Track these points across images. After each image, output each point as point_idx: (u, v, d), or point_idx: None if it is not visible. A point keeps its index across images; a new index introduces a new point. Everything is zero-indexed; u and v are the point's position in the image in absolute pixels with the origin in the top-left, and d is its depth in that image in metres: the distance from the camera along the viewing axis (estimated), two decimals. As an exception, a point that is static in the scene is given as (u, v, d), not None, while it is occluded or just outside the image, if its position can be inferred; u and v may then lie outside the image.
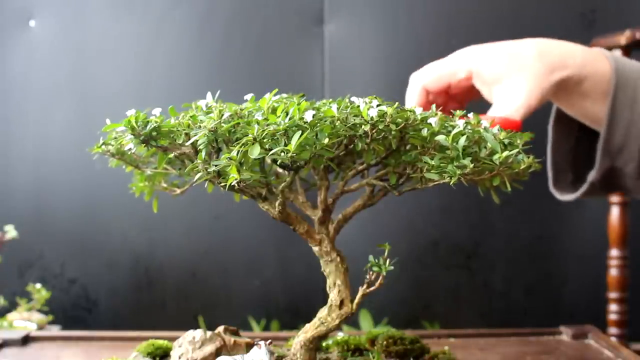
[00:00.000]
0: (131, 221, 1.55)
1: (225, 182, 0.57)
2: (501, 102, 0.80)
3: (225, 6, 1.54)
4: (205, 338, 0.70)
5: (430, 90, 0.86)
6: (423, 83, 0.86)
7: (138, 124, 0.62)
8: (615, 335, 1.39)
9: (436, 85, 0.85)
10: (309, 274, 1.55)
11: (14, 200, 1.55)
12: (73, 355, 0.86)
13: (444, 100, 0.88)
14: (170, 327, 1.04)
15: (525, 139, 0.70)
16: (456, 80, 0.84)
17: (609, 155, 0.85)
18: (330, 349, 0.78)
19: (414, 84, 0.87)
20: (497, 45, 0.83)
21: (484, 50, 0.84)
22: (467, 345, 0.90)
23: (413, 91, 0.87)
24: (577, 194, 0.90)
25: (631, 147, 0.84)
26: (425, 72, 0.86)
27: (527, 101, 0.79)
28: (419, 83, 0.86)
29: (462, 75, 0.83)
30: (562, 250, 1.58)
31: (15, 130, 1.55)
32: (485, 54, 0.83)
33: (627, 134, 0.84)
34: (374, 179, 0.68)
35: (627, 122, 0.83)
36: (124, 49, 1.55)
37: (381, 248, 0.67)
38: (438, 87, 0.85)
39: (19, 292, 1.48)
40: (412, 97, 0.87)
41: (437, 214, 1.56)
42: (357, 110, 0.59)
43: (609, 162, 0.85)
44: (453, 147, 0.59)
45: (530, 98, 0.79)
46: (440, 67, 0.85)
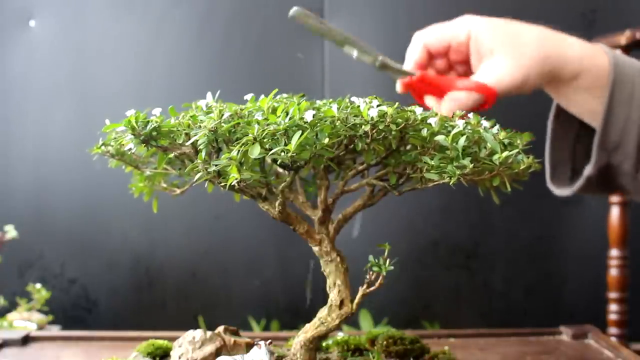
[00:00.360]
0: (131, 221, 1.55)
1: (225, 182, 0.57)
2: (484, 70, 0.81)
3: (225, 6, 1.54)
4: (205, 338, 0.70)
5: (431, 49, 0.86)
6: (424, 40, 0.86)
7: (138, 124, 0.62)
8: (615, 335, 1.39)
9: (437, 43, 0.85)
10: (309, 274, 1.55)
11: (14, 200, 1.55)
12: (73, 355, 0.86)
13: (445, 67, 0.88)
14: (170, 327, 1.04)
15: (525, 139, 0.70)
16: (456, 42, 0.85)
17: (605, 151, 0.85)
18: (330, 349, 0.78)
19: (416, 41, 0.88)
20: (501, 21, 0.84)
21: (487, 21, 0.85)
22: (467, 345, 0.90)
23: (414, 47, 0.87)
24: (574, 188, 0.90)
25: (628, 144, 0.84)
26: (428, 31, 0.87)
27: (510, 78, 0.79)
28: (421, 40, 0.87)
29: (462, 37, 0.84)
30: (562, 250, 1.58)
31: (15, 130, 1.55)
32: (487, 25, 0.84)
33: (624, 131, 0.84)
34: (374, 179, 0.68)
35: (624, 118, 0.83)
36: (124, 49, 1.55)
37: (381, 248, 0.67)
38: (439, 46, 0.86)
39: (19, 292, 1.48)
40: (413, 52, 0.87)
41: (437, 214, 1.56)
42: (357, 110, 0.59)
43: (606, 159, 0.85)
44: (453, 147, 0.59)
45: (514, 76, 0.79)
46: (443, 27, 0.86)
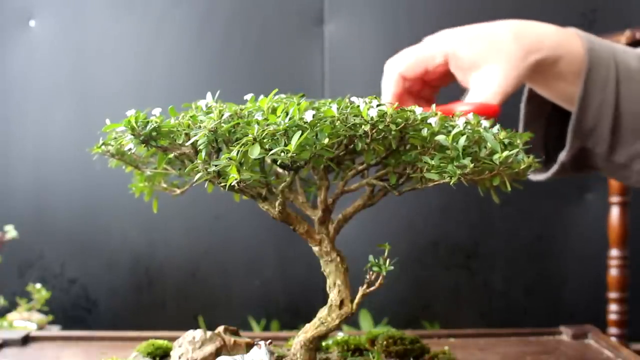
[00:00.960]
0: (131, 221, 1.55)
1: (225, 182, 0.57)
2: (478, 87, 0.80)
3: (225, 6, 1.54)
4: (205, 338, 0.70)
5: (407, 77, 0.84)
6: (400, 70, 0.84)
7: (138, 124, 0.62)
8: (615, 335, 1.39)
9: (413, 71, 0.83)
10: (309, 274, 1.55)
11: (14, 200, 1.55)
12: (73, 355, 0.86)
13: (420, 87, 0.86)
14: (170, 327, 1.04)
15: (525, 139, 0.70)
16: (433, 65, 0.83)
17: (580, 136, 0.84)
18: (330, 349, 0.78)
19: (390, 72, 0.85)
20: (473, 29, 0.83)
21: (459, 34, 0.83)
22: (467, 345, 0.90)
23: (390, 79, 0.85)
24: (548, 174, 0.90)
25: (602, 128, 0.84)
26: (401, 59, 0.85)
27: (504, 86, 0.79)
28: (396, 71, 0.84)
29: (440, 60, 0.82)
30: (562, 250, 1.58)
31: (15, 130, 1.55)
32: (461, 38, 0.82)
33: (599, 115, 0.83)
34: (374, 179, 0.68)
35: (599, 103, 0.83)
36: (124, 49, 1.55)
37: (381, 248, 0.67)
38: (415, 74, 0.84)
39: (19, 292, 1.48)
40: (389, 85, 0.85)
41: (437, 214, 1.56)
42: (357, 110, 0.59)
43: (580, 143, 0.85)
44: (453, 147, 0.59)
45: (507, 83, 0.79)
46: (417, 53, 0.84)
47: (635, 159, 0.85)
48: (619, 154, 0.85)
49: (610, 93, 0.83)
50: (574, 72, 0.83)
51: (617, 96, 0.83)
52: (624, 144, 0.85)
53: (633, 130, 0.84)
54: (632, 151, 0.85)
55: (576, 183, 1.56)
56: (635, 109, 0.84)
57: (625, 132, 0.84)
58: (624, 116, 0.84)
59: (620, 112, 0.83)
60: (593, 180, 1.55)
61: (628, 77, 0.84)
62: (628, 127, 0.84)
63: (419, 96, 0.88)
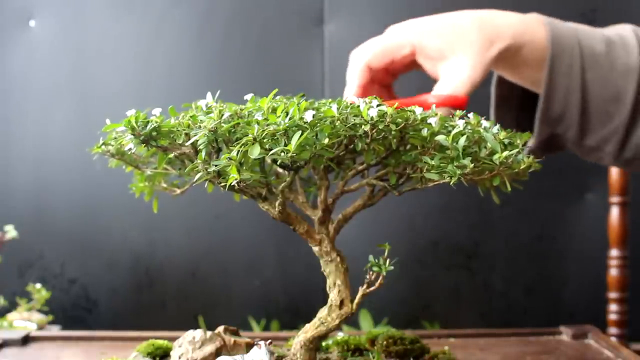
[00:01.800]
0: (131, 221, 1.55)
1: (225, 182, 0.57)
2: (446, 79, 0.80)
3: (225, 6, 1.54)
4: (205, 338, 0.70)
5: (373, 68, 0.84)
6: (366, 60, 0.84)
7: (138, 124, 0.62)
8: (615, 335, 1.39)
9: (380, 61, 0.83)
10: (309, 274, 1.55)
11: (14, 200, 1.55)
12: (73, 355, 0.86)
13: (383, 75, 0.86)
14: (170, 327, 1.04)
15: (525, 138, 0.70)
16: (400, 55, 0.83)
17: (548, 123, 0.85)
18: (330, 349, 0.78)
19: (356, 62, 0.85)
20: (438, 19, 0.83)
21: (425, 24, 0.83)
22: (467, 345, 0.90)
23: (355, 69, 0.85)
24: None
25: (571, 114, 0.84)
26: (368, 49, 0.85)
27: (471, 77, 0.79)
28: (362, 60, 0.84)
29: (407, 50, 0.83)
30: (562, 250, 1.58)
31: (15, 130, 1.55)
32: (427, 29, 0.82)
33: (566, 102, 0.84)
34: (374, 179, 0.68)
35: (565, 89, 0.83)
36: (124, 49, 1.55)
37: (381, 248, 0.67)
38: (381, 64, 0.84)
39: (19, 292, 1.48)
40: (354, 75, 0.85)
41: (437, 214, 1.56)
42: (357, 110, 0.59)
43: (549, 130, 0.85)
44: (453, 147, 0.59)
45: (474, 74, 0.79)
46: (384, 43, 0.84)
47: (606, 141, 0.86)
48: (590, 138, 0.86)
49: (576, 79, 0.83)
50: (538, 59, 0.84)
51: (583, 82, 0.83)
52: (593, 128, 0.85)
53: (602, 114, 0.84)
54: (602, 134, 0.85)
55: (576, 183, 1.56)
56: (603, 93, 0.84)
57: (594, 116, 0.84)
58: (591, 101, 0.84)
59: (588, 97, 0.84)
60: (593, 180, 1.55)
61: (593, 62, 0.84)
62: (597, 112, 0.84)
63: (380, 84, 0.88)
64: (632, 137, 0.85)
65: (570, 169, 1.54)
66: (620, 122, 0.84)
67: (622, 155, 0.87)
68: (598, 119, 0.85)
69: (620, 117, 0.84)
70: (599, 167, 1.45)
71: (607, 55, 0.84)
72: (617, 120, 0.84)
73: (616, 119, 0.84)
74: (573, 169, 1.54)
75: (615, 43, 0.85)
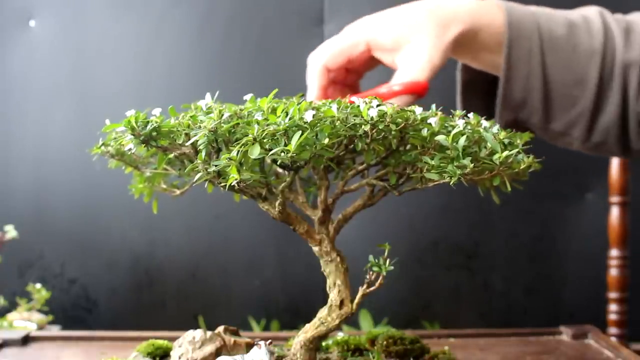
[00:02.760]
0: (131, 221, 1.55)
1: (225, 182, 0.57)
2: (404, 67, 0.79)
3: (225, 6, 1.54)
4: (205, 338, 0.70)
5: (331, 68, 0.84)
6: (323, 62, 0.84)
7: (138, 124, 0.62)
8: (615, 335, 1.39)
9: (336, 62, 0.83)
10: (309, 274, 1.55)
11: (14, 200, 1.55)
12: (73, 355, 0.86)
13: (344, 76, 0.86)
14: (170, 327, 1.04)
15: (525, 138, 0.70)
16: (357, 53, 0.83)
17: (510, 108, 0.84)
18: (330, 349, 0.78)
19: (314, 65, 0.85)
20: (390, 13, 0.83)
21: (378, 18, 0.83)
22: (467, 345, 0.90)
23: (314, 72, 0.85)
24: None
25: (533, 100, 0.83)
26: (323, 51, 0.85)
27: (430, 61, 0.78)
28: (319, 63, 0.84)
29: (362, 47, 0.82)
30: (562, 250, 1.58)
31: (15, 130, 1.55)
32: (380, 23, 0.82)
33: (527, 87, 0.82)
34: (374, 179, 0.68)
35: (525, 75, 0.82)
36: (124, 49, 1.55)
37: (381, 248, 0.67)
38: (338, 64, 0.84)
39: (19, 292, 1.48)
40: (314, 78, 0.85)
41: (437, 214, 1.56)
42: (357, 110, 0.59)
43: (512, 115, 0.84)
44: (453, 147, 0.59)
45: (433, 57, 0.78)
46: (339, 43, 0.84)
47: (572, 126, 0.85)
48: (556, 122, 0.85)
49: (536, 64, 0.82)
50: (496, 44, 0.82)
51: (543, 66, 0.82)
52: (558, 113, 0.84)
53: (566, 99, 0.83)
54: (568, 119, 0.84)
55: (576, 183, 1.56)
56: (565, 77, 0.83)
57: (558, 101, 0.83)
58: (553, 86, 0.83)
59: (550, 82, 0.82)
60: (593, 180, 1.55)
61: (553, 45, 0.83)
62: (560, 96, 0.83)
63: (344, 84, 0.87)
64: (598, 120, 0.84)
65: (570, 169, 1.54)
66: (585, 106, 0.83)
67: (590, 139, 0.86)
68: (562, 104, 0.84)
69: (584, 100, 0.83)
70: (599, 167, 1.45)
71: (569, 38, 0.83)
72: (582, 104, 0.83)
73: (581, 103, 0.83)
74: (573, 169, 1.54)
75: (578, 26, 0.84)
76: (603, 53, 0.83)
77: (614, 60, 0.83)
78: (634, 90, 0.83)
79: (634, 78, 0.83)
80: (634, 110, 0.84)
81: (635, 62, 0.83)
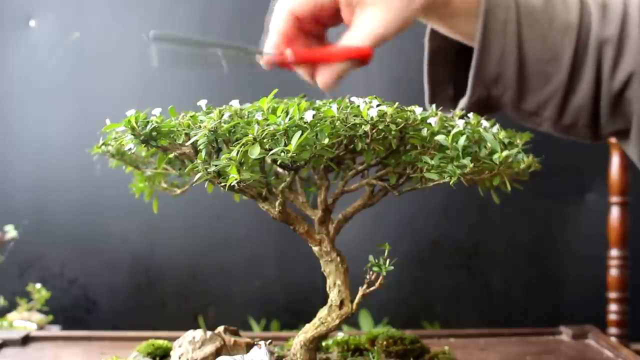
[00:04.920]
0: (131, 221, 1.55)
1: (225, 182, 0.57)
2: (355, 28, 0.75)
3: (225, 6, 1.54)
4: (205, 338, 0.70)
5: (298, 15, 0.78)
6: (289, 7, 0.78)
7: (138, 124, 0.62)
8: (615, 335, 1.39)
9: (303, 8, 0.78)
10: (309, 274, 1.55)
11: (14, 200, 1.55)
12: (73, 355, 0.86)
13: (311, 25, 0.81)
14: (170, 327, 1.04)
15: (525, 138, 0.70)
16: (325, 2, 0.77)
17: (483, 84, 0.80)
18: (330, 349, 0.78)
19: (280, 9, 0.80)
20: None
21: None
22: (467, 345, 0.90)
23: (278, 17, 0.79)
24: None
25: (507, 75, 0.79)
26: None
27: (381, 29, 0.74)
28: (285, 7, 0.79)
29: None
30: (562, 250, 1.58)
31: (15, 130, 1.55)
32: None
33: (502, 61, 0.79)
34: (374, 179, 0.68)
35: (500, 49, 0.78)
36: (124, 49, 1.55)
37: (381, 248, 0.67)
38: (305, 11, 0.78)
39: (19, 292, 1.48)
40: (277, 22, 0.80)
41: (437, 214, 1.56)
42: (357, 110, 0.59)
43: (484, 92, 0.80)
44: (453, 147, 0.59)
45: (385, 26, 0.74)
46: None
47: (544, 105, 0.81)
48: (528, 101, 0.81)
49: (512, 37, 0.78)
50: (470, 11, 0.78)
51: (519, 40, 0.78)
52: (531, 90, 0.81)
53: (540, 75, 0.80)
54: (540, 97, 0.81)
55: (576, 183, 1.56)
56: (541, 52, 0.79)
57: (532, 77, 0.80)
58: (529, 61, 0.79)
59: (525, 56, 0.79)
60: (593, 180, 1.55)
61: (531, 18, 0.79)
62: (534, 73, 0.79)
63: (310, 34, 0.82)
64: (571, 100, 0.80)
65: (570, 169, 1.54)
66: (558, 83, 0.79)
67: (562, 120, 0.82)
68: (536, 81, 0.80)
69: (558, 78, 0.79)
70: (599, 167, 1.45)
71: (545, 10, 0.79)
72: (555, 82, 0.79)
73: (554, 81, 0.79)
74: (573, 169, 1.54)
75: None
76: (579, 28, 0.79)
77: (588, 36, 0.79)
78: (608, 69, 0.79)
79: (609, 56, 0.79)
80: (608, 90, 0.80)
81: (610, 39, 0.78)
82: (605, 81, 0.80)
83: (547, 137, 0.93)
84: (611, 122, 0.82)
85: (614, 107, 0.81)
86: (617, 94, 0.80)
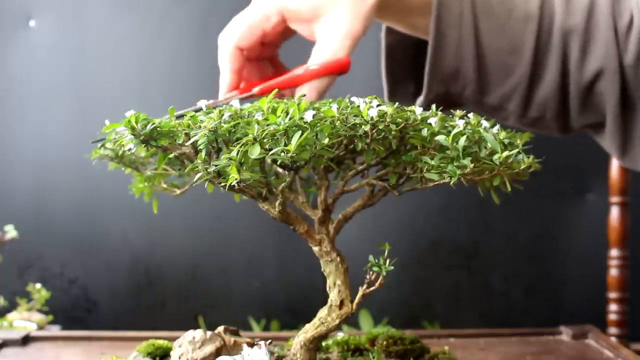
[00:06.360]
0: (131, 221, 1.55)
1: (225, 182, 0.57)
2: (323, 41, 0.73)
3: (225, 6, 1.54)
4: (205, 338, 0.70)
5: (244, 47, 0.76)
6: (234, 43, 0.76)
7: (138, 124, 0.62)
8: (615, 335, 1.39)
9: (249, 40, 0.75)
10: (309, 274, 1.55)
11: (14, 200, 1.55)
12: (73, 355, 0.86)
13: (259, 52, 0.79)
14: (170, 327, 1.04)
15: (525, 138, 0.70)
16: (270, 26, 0.75)
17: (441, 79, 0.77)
18: (330, 349, 0.78)
19: (225, 47, 0.76)
20: None
21: None
22: (467, 345, 0.90)
23: (225, 55, 0.76)
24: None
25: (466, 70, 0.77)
26: (233, 30, 0.77)
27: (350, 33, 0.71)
28: (230, 44, 0.76)
29: (275, 19, 0.75)
30: (562, 250, 1.58)
31: (15, 130, 1.55)
32: None
33: (459, 55, 0.76)
34: (374, 179, 0.68)
35: (455, 41, 0.76)
36: (124, 49, 1.55)
37: (381, 248, 0.67)
38: (251, 42, 0.76)
39: (19, 292, 1.48)
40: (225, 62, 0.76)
41: (437, 214, 1.56)
42: (357, 110, 0.59)
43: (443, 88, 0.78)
44: (453, 147, 0.59)
45: (353, 28, 0.71)
46: (248, 19, 0.76)
47: (508, 99, 0.79)
48: (491, 95, 0.79)
49: (468, 29, 0.76)
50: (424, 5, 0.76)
51: (476, 32, 0.76)
52: (493, 84, 0.78)
53: (500, 68, 0.77)
54: (503, 91, 0.78)
55: (576, 183, 1.56)
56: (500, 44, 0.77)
57: (493, 70, 0.78)
58: (487, 53, 0.77)
59: (483, 49, 0.77)
60: (593, 180, 1.55)
61: (486, 9, 0.77)
62: (495, 65, 0.77)
63: (259, 59, 0.81)
64: (536, 93, 0.78)
65: (570, 169, 1.54)
66: (521, 76, 0.77)
67: (527, 114, 0.80)
68: (497, 74, 0.78)
69: (520, 70, 0.77)
70: (599, 167, 1.45)
71: (503, 1, 0.77)
72: (518, 74, 0.77)
73: (517, 73, 0.77)
74: (573, 169, 1.54)
75: None
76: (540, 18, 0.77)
77: (552, 26, 0.77)
78: (575, 60, 0.77)
79: (575, 46, 0.77)
80: (576, 81, 0.78)
81: (576, 29, 0.76)
82: (573, 72, 0.78)
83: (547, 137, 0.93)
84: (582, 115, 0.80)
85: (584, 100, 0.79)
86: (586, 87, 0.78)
